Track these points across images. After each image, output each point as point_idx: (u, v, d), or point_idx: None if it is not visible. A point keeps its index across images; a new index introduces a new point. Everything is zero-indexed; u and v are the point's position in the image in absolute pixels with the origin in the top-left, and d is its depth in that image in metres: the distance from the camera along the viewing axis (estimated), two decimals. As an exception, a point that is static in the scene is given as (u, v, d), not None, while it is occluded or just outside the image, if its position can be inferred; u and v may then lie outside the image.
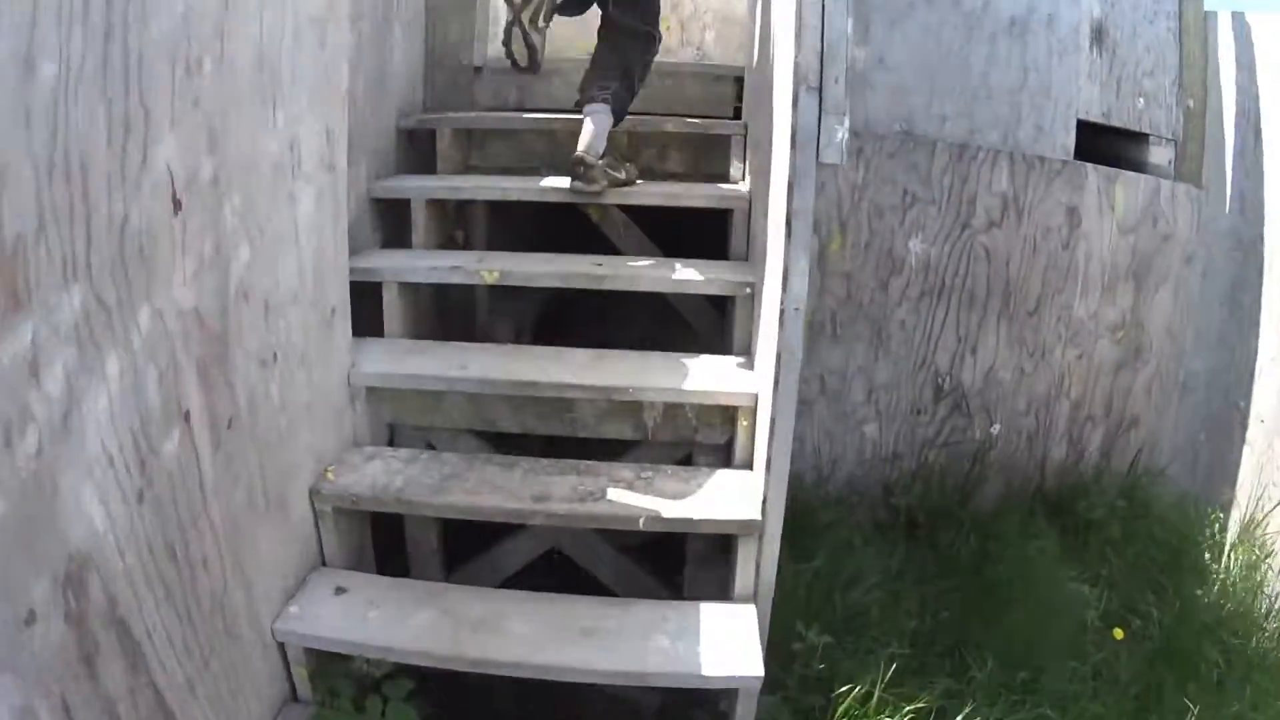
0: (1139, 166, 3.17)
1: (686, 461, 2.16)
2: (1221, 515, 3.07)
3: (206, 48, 1.36)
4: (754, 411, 2.02)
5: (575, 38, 3.16)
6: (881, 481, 3.08)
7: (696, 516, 1.85)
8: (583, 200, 2.57)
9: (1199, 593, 2.72)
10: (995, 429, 3.10)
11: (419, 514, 1.98)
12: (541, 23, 2.60)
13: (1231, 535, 2.98)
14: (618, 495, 1.90)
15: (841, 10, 1.67)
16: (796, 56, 1.65)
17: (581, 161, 2.51)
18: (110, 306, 1.17)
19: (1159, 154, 3.19)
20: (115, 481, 1.23)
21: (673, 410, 2.09)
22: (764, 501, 1.83)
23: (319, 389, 1.89)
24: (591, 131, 2.56)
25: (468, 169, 2.91)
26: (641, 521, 1.84)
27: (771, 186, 2.18)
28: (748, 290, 2.21)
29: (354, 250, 2.39)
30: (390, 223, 2.63)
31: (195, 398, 1.41)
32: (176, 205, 1.30)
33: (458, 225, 2.83)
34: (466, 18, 3.09)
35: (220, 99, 1.42)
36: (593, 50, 2.75)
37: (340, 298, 2.01)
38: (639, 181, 2.69)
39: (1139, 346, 3.20)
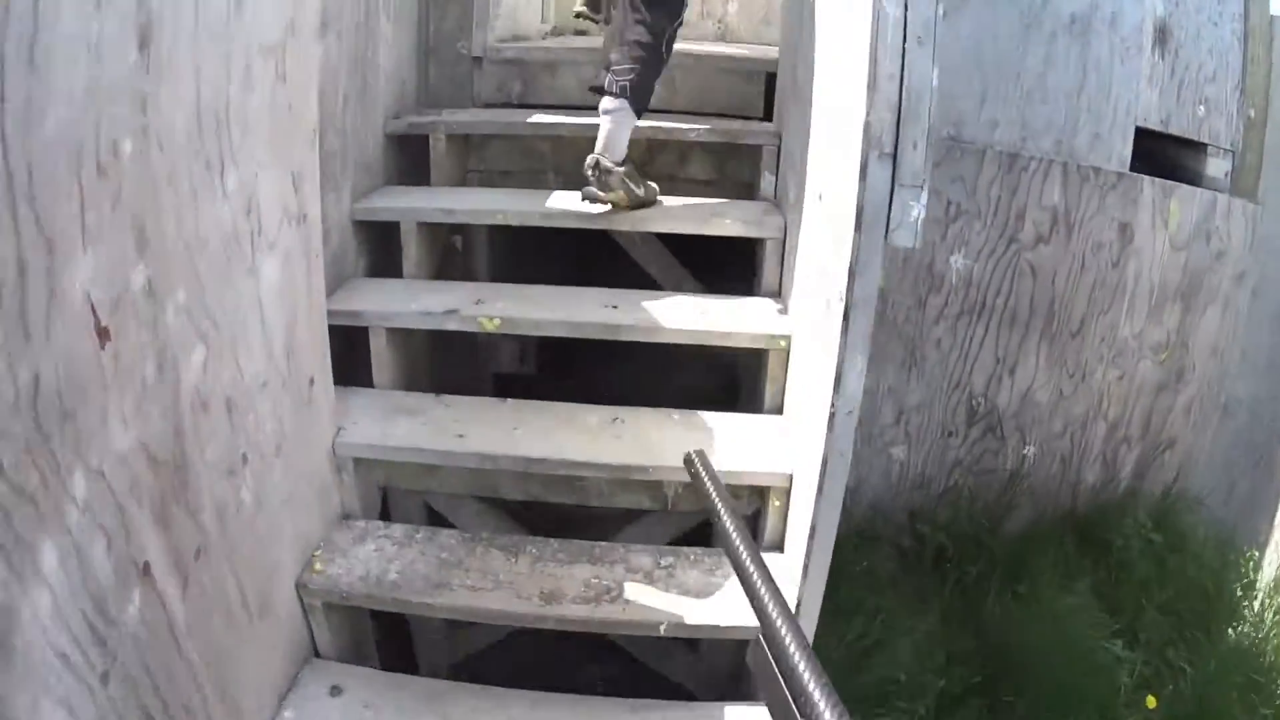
0: (1194, 178, 2.91)
1: (708, 526, 1.97)
2: (1257, 554, 2.93)
3: (124, 127, 1.05)
4: (788, 492, 1.81)
5: (587, 26, 2.81)
6: (908, 506, 2.92)
7: (723, 623, 1.66)
8: (598, 226, 2.28)
9: (1232, 638, 2.61)
10: (1029, 451, 2.93)
11: (416, 614, 1.78)
12: None
13: (1268, 577, 2.84)
14: (635, 593, 1.71)
15: (926, 55, 1.38)
16: (868, 115, 1.37)
17: (597, 165, 2.21)
18: (33, 492, 0.93)
19: (1216, 166, 2.92)
20: (74, 678, 1.03)
21: (696, 485, 1.88)
22: (798, 605, 1.65)
23: (299, 474, 1.66)
24: (609, 132, 2.25)
25: (466, 174, 2.59)
26: (662, 628, 1.65)
27: (802, 235, 1.93)
28: (783, 344, 1.98)
29: (337, 282, 2.13)
30: (377, 244, 2.34)
31: (153, 544, 1.18)
32: (103, 337, 1.03)
33: (455, 231, 2.55)
34: (464, 4, 2.70)
35: (149, 183, 1.11)
36: (609, 24, 2.41)
37: (320, 362, 1.75)
38: (660, 199, 2.39)
39: (1181, 368, 3.00)
